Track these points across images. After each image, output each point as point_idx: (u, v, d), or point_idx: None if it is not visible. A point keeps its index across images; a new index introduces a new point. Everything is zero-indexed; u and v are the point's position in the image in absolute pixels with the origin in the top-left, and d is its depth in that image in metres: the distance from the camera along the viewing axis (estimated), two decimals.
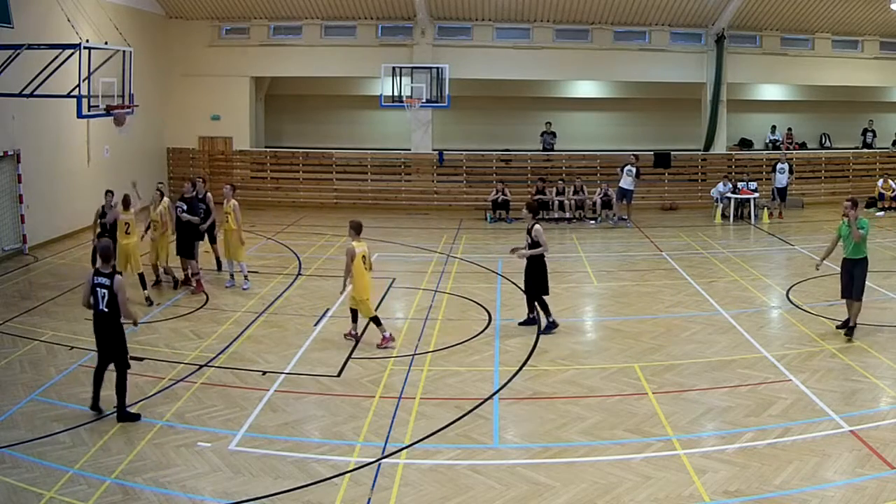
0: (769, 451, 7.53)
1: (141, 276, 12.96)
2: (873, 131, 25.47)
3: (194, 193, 13.86)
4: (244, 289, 13.57)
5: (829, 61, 23.99)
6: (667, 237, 18.74)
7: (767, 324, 12.02)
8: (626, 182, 20.48)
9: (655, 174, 23.28)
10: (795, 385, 9.15)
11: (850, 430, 7.89)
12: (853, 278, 10.86)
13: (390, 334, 10.71)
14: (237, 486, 6.98)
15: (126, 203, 13.01)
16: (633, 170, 20.44)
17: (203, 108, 23.43)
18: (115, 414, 8.28)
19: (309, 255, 16.45)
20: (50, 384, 9.24)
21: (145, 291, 12.90)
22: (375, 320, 10.69)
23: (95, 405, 8.40)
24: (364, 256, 10.61)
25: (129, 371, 8.41)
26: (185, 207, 13.51)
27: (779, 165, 21.52)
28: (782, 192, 21.56)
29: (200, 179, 14.54)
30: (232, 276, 13.89)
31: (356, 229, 10.79)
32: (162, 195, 13.81)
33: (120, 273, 8.60)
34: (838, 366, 9.79)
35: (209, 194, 14.38)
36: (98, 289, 8.17)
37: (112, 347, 8.30)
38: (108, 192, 13.48)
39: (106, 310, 8.17)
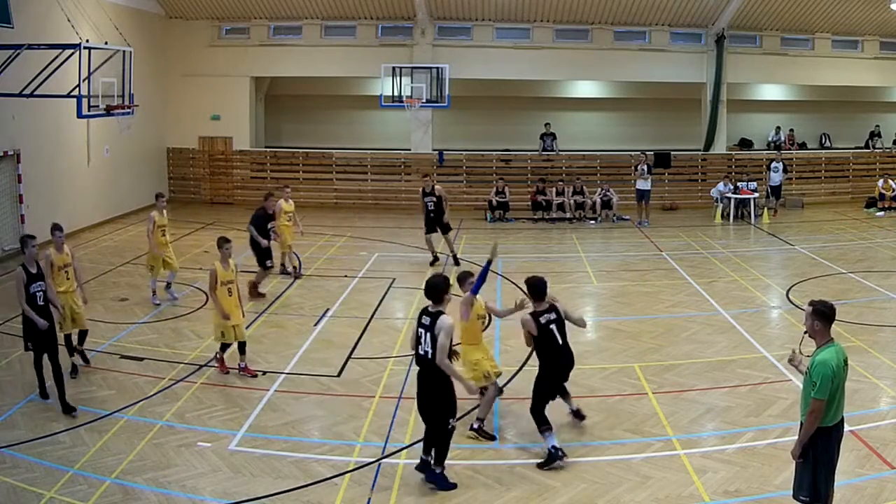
0: (769, 451, 7.54)
1: (83, 333, 10.00)
2: (879, 134, 25.42)
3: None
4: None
5: (829, 61, 23.97)
6: (667, 237, 18.74)
7: (767, 324, 12.01)
8: (641, 183, 20.59)
9: (655, 174, 23.24)
10: (795, 385, 9.12)
11: (850, 430, 7.86)
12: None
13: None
14: (237, 486, 6.98)
15: (59, 243, 9.82)
16: (644, 168, 20.58)
17: (203, 108, 23.41)
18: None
19: (309, 255, 16.44)
20: (50, 384, 9.22)
21: (72, 357, 9.75)
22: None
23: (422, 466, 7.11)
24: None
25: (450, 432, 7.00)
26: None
27: (773, 164, 21.85)
28: (776, 190, 21.85)
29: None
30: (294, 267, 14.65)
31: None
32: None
33: None
34: None
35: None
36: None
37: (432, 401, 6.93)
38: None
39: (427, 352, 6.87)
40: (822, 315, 5.68)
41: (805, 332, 5.85)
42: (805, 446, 5.71)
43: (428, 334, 6.88)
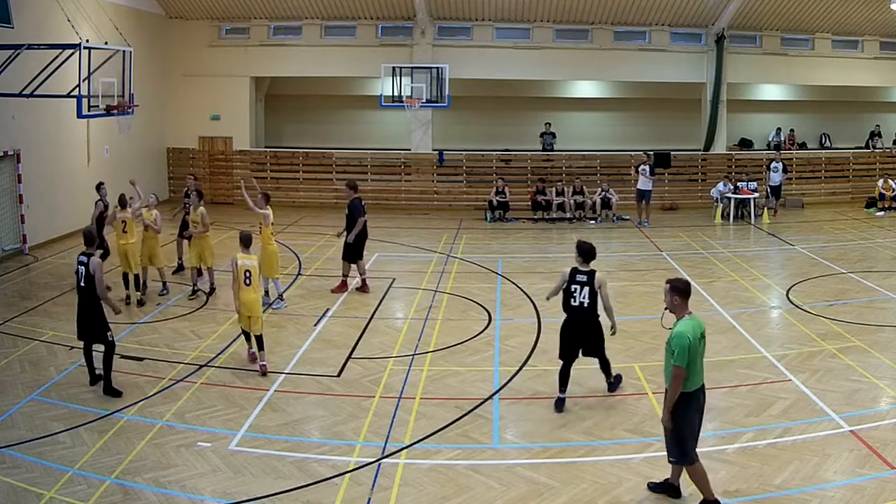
0: (769, 451, 7.54)
1: (137, 277, 12.85)
2: (880, 134, 25.43)
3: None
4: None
5: (829, 61, 23.97)
6: (667, 237, 18.73)
7: (767, 324, 12.00)
8: (642, 182, 20.59)
9: (655, 174, 23.26)
10: (795, 385, 9.15)
11: (850, 430, 7.89)
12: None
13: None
14: (237, 486, 6.98)
15: (122, 202, 12.97)
16: (647, 168, 20.57)
17: (203, 108, 23.41)
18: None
19: (309, 255, 16.45)
20: (50, 384, 9.24)
21: (137, 293, 12.78)
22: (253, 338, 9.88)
23: None
24: (248, 272, 9.66)
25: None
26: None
27: (773, 164, 21.91)
28: (776, 190, 21.90)
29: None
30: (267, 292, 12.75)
31: (244, 242, 10.00)
32: (200, 197, 13.52)
33: None
34: (838, 366, 9.79)
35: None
36: None
37: None
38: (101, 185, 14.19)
39: None
40: (679, 291, 6.50)
41: (665, 308, 6.60)
42: (672, 412, 6.34)
43: (586, 288, 8.45)
